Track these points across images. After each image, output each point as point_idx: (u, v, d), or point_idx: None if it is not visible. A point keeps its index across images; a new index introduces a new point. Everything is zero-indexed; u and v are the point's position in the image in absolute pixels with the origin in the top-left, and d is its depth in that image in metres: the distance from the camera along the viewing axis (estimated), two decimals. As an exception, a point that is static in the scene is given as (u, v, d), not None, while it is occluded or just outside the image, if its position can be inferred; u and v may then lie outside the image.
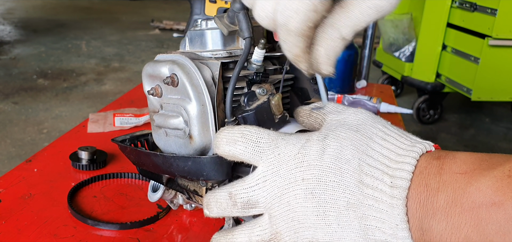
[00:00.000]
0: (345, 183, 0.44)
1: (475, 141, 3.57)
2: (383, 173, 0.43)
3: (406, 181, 0.42)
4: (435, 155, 0.44)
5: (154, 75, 0.64)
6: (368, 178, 0.44)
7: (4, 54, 5.12)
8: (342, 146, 0.46)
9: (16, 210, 0.81)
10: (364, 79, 2.01)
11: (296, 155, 0.47)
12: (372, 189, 0.43)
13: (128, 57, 5.30)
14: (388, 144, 0.45)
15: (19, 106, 3.63)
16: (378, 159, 0.44)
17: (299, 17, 0.45)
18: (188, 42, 0.68)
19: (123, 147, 0.71)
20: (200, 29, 0.67)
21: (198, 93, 0.60)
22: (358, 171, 0.44)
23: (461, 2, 3.30)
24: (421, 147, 0.44)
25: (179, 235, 0.78)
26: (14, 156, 2.85)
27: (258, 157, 0.48)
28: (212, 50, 0.66)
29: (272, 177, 0.47)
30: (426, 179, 0.42)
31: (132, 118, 1.23)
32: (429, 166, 0.43)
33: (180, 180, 0.70)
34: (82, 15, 7.76)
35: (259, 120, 0.59)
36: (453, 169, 0.41)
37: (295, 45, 0.47)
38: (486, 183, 0.39)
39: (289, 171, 0.47)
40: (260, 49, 0.62)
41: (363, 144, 0.45)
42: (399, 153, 0.44)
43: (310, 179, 0.45)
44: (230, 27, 0.62)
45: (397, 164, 0.43)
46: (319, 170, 0.45)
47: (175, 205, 0.81)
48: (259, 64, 0.64)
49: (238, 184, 0.49)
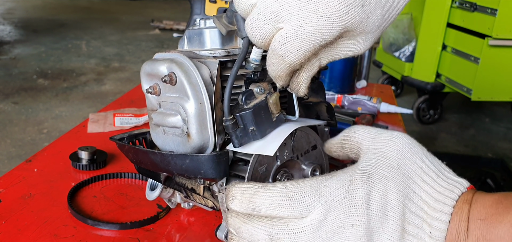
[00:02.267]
0: (390, 230, 0.46)
1: (475, 141, 3.57)
2: (423, 221, 0.47)
3: (443, 232, 0.46)
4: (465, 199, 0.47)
5: (152, 73, 0.64)
6: (410, 226, 0.47)
7: (4, 54, 5.12)
8: (387, 190, 0.47)
9: (16, 210, 0.81)
10: (364, 79, 2.01)
11: (342, 199, 0.47)
12: (413, 237, 0.46)
13: (128, 57, 5.30)
14: (427, 186, 0.48)
15: (19, 106, 3.63)
16: (419, 205, 0.47)
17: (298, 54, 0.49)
18: (187, 41, 0.68)
19: (121, 145, 0.71)
20: (198, 28, 0.67)
21: (196, 92, 0.60)
22: (401, 218, 0.47)
23: (461, 2, 3.30)
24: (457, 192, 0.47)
25: (179, 235, 0.78)
26: (14, 156, 2.85)
27: (307, 212, 0.47)
28: (210, 49, 0.66)
29: (320, 223, 0.47)
30: (458, 227, 0.46)
31: (132, 118, 1.23)
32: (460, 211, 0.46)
33: (178, 178, 0.70)
34: (82, 15, 7.76)
35: (257, 119, 0.60)
36: (475, 215, 0.45)
37: (283, 71, 0.51)
38: (503, 229, 0.42)
39: (337, 216, 0.47)
40: (258, 48, 0.63)
41: (406, 186, 0.48)
42: (437, 198, 0.47)
43: (359, 225, 0.46)
44: (229, 27, 0.63)
45: (435, 211, 0.47)
46: (367, 217, 0.46)
47: (173, 203, 0.81)
48: (257, 63, 0.64)
49: (280, 227, 0.47)
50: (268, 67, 0.53)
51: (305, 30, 0.48)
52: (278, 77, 0.53)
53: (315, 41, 0.48)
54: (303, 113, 0.75)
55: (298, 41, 0.48)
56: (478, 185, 2.49)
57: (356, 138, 0.55)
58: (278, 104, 0.62)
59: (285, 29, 0.48)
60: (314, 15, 0.47)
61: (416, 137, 0.58)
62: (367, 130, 0.55)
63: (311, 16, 0.47)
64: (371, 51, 2.03)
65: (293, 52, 0.49)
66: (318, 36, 0.48)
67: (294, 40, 0.48)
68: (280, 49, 0.49)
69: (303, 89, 0.56)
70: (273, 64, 0.52)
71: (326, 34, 0.48)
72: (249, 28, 0.50)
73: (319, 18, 0.47)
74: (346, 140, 0.56)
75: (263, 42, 0.50)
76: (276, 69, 0.52)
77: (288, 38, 0.48)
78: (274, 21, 0.48)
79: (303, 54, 0.49)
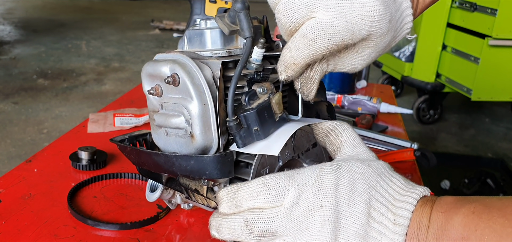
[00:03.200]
0: (357, 214, 0.49)
1: (475, 141, 3.57)
2: (388, 210, 0.49)
3: (407, 219, 0.48)
4: (429, 198, 0.51)
5: (154, 74, 0.64)
6: (375, 212, 0.49)
7: (4, 54, 5.12)
8: (354, 178, 0.50)
9: (16, 210, 0.81)
10: (364, 79, 2.01)
11: (313, 183, 0.50)
12: (378, 223, 0.49)
13: (128, 57, 5.30)
14: (393, 184, 0.51)
15: (19, 106, 3.63)
16: (385, 196, 0.50)
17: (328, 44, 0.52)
18: (187, 41, 0.68)
19: (123, 147, 0.71)
20: (199, 29, 0.67)
21: (200, 93, 0.60)
22: (368, 205, 0.49)
23: (461, 2, 3.30)
24: (422, 190, 0.51)
25: (178, 235, 0.78)
26: (14, 156, 2.85)
27: (282, 197, 0.51)
28: (211, 50, 0.66)
29: (292, 207, 0.50)
30: (419, 217, 0.49)
31: (132, 119, 1.23)
32: (424, 206, 0.49)
33: (181, 179, 0.70)
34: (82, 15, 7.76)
35: (261, 119, 0.60)
36: (437, 209, 0.48)
37: (304, 59, 0.54)
38: (458, 220, 0.46)
39: (307, 199, 0.50)
40: (260, 49, 0.63)
41: (374, 180, 0.51)
42: (402, 193, 0.50)
43: (328, 206, 0.49)
44: (231, 26, 0.62)
45: (400, 202, 0.49)
46: (335, 198, 0.49)
47: (173, 204, 0.81)
48: (258, 63, 0.64)
49: (256, 213, 0.51)
50: (288, 52, 0.54)
51: (339, 23, 0.50)
52: (294, 65, 0.54)
53: (345, 36, 0.51)
54: (304, 112, 0.75)
55: (330, 31, 0.50)
56: (478, 185, 2.49)
57: (341, 136, 0.58)
58: (281, 104, 0.62)
59: (319, 18, 0.50)
60: (350, 12, 0.50)
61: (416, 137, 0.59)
62: (354, 137, 0.58)
63: (346, 13, 0.50)
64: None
65: (324, 40, 0.51)
66: (348, 33, 0.51)
67: (327, 29, 0.50)
68: (312, 34, 0.51)
69: (314, 92, 0.59)
70: (296, 49, 0.53)
71: (356, 33, 0.51)
72: (282, 9, 0.51)
73: (354, 16, 0.50)
74: (333, 131, 0.59)
75: (292, 25, 0.52)
76: (299, 54, 0.53)
77: (322, 26, 0.50)
78: (308, 8, 0.50)
79: (332, 45, 0.51)
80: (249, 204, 0.51)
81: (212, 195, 0.69)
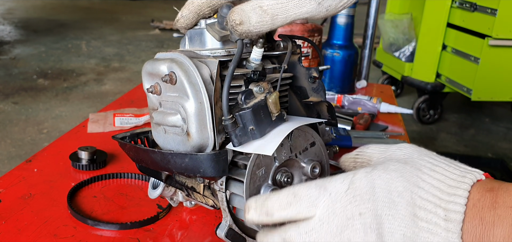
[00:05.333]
0: (400, 216, 0.45)
1: (475, 141, 3.57)
2: (436, 206, 0.44)
3: (460, 214, 0.43)
4: (487, 186, 0.45)
5: (153, 73, 0.64)
6: (422, 211, 0.44)
7: (4, 54, 5.12)
8: (391, 178, 0.47)
9: (16, 210, 0.81)
10: (364, 79, 2.01)
11: (346, 190, 0.47)
12: (426, 222, 0.44)
13: (128, 57, 5.30)
14: (437, 174, 0.46)
15: (19, 106, 3.63)
16: (430, 191, 0.45)
17: None
18: (188, 41, 0.69)
19: (123, 144, 0.71)
20: (199, 28, 0.67)
21: (196, 91, 0.60)
22: (411, 204, 0.45)
23: (461, 2, 3.30)
24: (472, 177, 0.45)
25: (179, 234, 0.78)
26: (14, 156, 2.85)
27: (314, 207, 0.48)
28: (211, 49, 0.66)
29: (328, 218, 0.47)
30: (480, 213, 0.43)
31: (132, 118, 1.23)
32: (483, 198, 0.44)
33: (178, 176, 0.71)
34: (82, 15, 7.76)
35: (256, 118, 0.60)
36: (508, 203, 0.42)
37: None
38: None
39: (344, 207, 0.47)
40: (259, 48, 0.63)
41: (413, 175, 0.46)
42: (450, 184, 0.45)
43: (366, 213, 0.46)
44: (221, 32, 0.63)
45: (449, 196, 0.44)
46: (374, 203, 0.46)
47: (175, 202, 0.82)
48: (257, 62, 0.64)
49: (292, 230, 0.49)
50: None
51: None
52: None
53: None
54: (305, 112, 0.75)
55: None
56: (478, 185, 2.49)
57: (368, 152, 0.56)
58: (278, 103, 0.62)
59: None
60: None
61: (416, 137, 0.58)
62: (379, 146, 0.56)
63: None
64: (371, 51, 2.03)
65: None
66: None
67: None
68: None
69: None
70: None
71: None
72: None
73: None
74: (359, 155, 0.58)
75: None
76: None
77: None
78: None
79: None
80: (280, 214, 0.49)
81: (209, 193, 0.69)
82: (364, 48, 2.03)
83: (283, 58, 0.70)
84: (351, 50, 1.62)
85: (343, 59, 1.61)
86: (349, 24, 1.60)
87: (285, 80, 0.70)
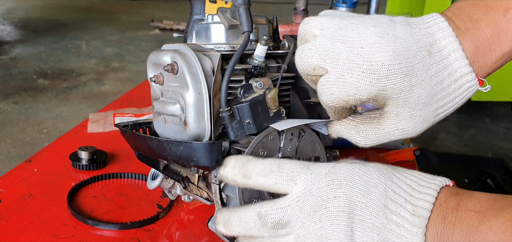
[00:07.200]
0: (372, 205, 0.47)
1: (475, 141, 3.57)
2: (406, 201, 0.47)
3: (427, 211, 0.46)
4: (453, 191, 0.48)
5: (157, 63, 0.66)
6: (393, 204, 0.47)
7: (4, 54, 5.12)
8: (369, 170, 0.49)
9: (16, 210, 0.81)
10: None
11: (327, 173, 0.49)
12: (395, 215, 0.47)
13: (128, 57, 5.30)
14: (410, 176, 0.50)
15: (19, 106, 3.63)
16: (402, 187, 0.48)
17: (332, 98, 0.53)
18: (195, 35, 0.71)
19: (124, 131, 0.73)
20: (206, 23, 0.70)
21: (196, 82, 0.61)
22: (384, 196, 0.47)
23: (461, 2, 3.30)
24: (441, 181, 0.49)
25: (179, 234, 0.78)
26: (14, 156, 2.85)
27: (293, 182, 0.50)
28: (215, 43, 0.68)
29: (304, 196, 0.49)
30: (444, 213, 0.46)
31: (132, 118, 1.23)
32: (448, 200, 0.47)
33: (173, 165, 0.72)
34: (82, 15, 7.76)
35: (253, 112, 0.61)
36: (469, 207, 0.46)
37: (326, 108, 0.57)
38: (497, 223, 0.43)
39: (320, 188, 0.49)
40: (262, 46, 0.64)
41: (389, 172, 0.49)
42: (421, 184, 0.48)
43: (341, 197, 0.48)
44: (231, 21, 0.64)
45: (419, 193, 0.47)
46: (350, 188, 0.48)
47: (173, 195, 0.82)
48: (260, 60, 0.65)
49: (268, 204, 0.49)
50: None
51: (344, 80, 0.51)
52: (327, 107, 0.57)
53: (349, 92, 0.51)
54: (306, 113, 0.75)
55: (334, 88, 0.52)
56: (478, 185, 2.49)
57: None
58: (276, 100, 0.63)
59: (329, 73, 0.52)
60: (357, 68, 0.50)
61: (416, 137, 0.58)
62: None
63: (353, 69, 0.50)
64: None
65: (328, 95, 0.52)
66: (353, 89, 0.51)
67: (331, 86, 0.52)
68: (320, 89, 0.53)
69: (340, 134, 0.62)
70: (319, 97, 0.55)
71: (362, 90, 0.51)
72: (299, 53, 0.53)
73: (360, 73, 0.50)
74: None
75: (305, 71, 0.54)
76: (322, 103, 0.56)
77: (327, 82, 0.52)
78: (321, 59, 0.51)
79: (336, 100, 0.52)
80: (258, 179, 0.50)
81: (203, 185, 0.69)
82: (364, 48, 2.03)
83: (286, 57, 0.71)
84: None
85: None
86: (349, 24, 1.60)
87: (287, 80, 0.71)
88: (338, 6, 1.58)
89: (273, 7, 6.78)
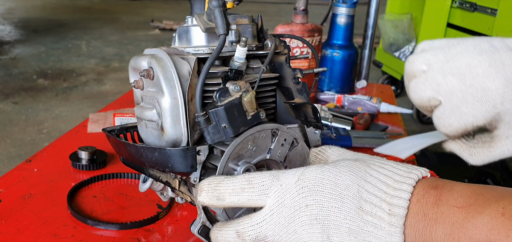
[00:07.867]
0: (346, 209, 0.47)
1: (475, 141, 3.56)
2: (381, 200, 0.46)
3: (404, 209, 0.45)
4: (432, 184, 0.47)
5: (136, 68, 0.66)
6: (367, 204, 0.46)
7: (4, 54, 5.12)
8: (340, 172, 0.49)
9: (16, 210, 0.81)
10: (364, 79, 2.01)
11: (296, 182, 0.49)
12: (371, 216, 0.46)
13: (128, 57, 5.30)
14: (385, 170, 0.48)
15: (19, 106, 3.63)
16: (376, 185, 0.47)
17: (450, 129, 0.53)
18: (177, 38, 0.70)
19: (108, 136, 0.73)
20: (186, 26, 0.68)
21: (171, 87, 0.61)
22: (357, 197, 0.47)
23: (461, 2, 3.30)
24: (417, 173, 0.48)
25: (179, 235, 0.78)
26: (14, 156, 2.85)
27: (265, 195, 0.50)
28: (195, 46, 0.67)
29: (277, 208, 0.49)
30: (424, 209, 0.45)
31: (132, 118, 1.23)
32: (427, 195, 0.46)
33: (151, 170, 0.71)
34: (82, 15, 7.76)
35: (229, 116, 0.60)
36: (450, 202, 0.45)
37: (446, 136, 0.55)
38: (482, 221, 0.42)
39: (292, 199, 0.49)
40: (242, 47, 0.63)
41: (362, 170, 0.49)
42: (396, 179, 0.47)
43: (313, 204, 0.47)
44: (208, 23, 0.64)
45: (394, 190, 0.46)
46: (321, 195, 0.48)
47: (165, 197, 0.82)
48: (241, 61, 0.64)
49: (245, 222, 0.50)
50: None
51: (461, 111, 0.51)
52: None
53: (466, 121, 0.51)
54: (293, 114, 0.75)
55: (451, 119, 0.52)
56: (478, 185, 2.49)
57: (327, 152, 0.58)
58: (253, 103, 0.62)
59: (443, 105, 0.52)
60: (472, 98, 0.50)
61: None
62: (339, 148, 0.58)
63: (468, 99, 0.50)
64: (371, 51, 2.04)
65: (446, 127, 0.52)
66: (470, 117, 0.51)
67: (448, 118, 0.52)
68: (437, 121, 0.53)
69: None
70: None
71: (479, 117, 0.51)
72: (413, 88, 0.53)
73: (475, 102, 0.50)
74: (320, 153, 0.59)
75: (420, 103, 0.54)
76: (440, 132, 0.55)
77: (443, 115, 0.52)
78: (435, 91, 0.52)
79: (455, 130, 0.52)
80: (232, 199, 0.51)
81: (185, 189, 0.69)
82: (364, 48, 2.03)
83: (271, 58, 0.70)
84: (351, 50, 1.62)
85: (343, 59, 1.61)
86: (349, 24, 1.60)
87: (269, 81, 0.70)
88: (338, 6, 1.58)
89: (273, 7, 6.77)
